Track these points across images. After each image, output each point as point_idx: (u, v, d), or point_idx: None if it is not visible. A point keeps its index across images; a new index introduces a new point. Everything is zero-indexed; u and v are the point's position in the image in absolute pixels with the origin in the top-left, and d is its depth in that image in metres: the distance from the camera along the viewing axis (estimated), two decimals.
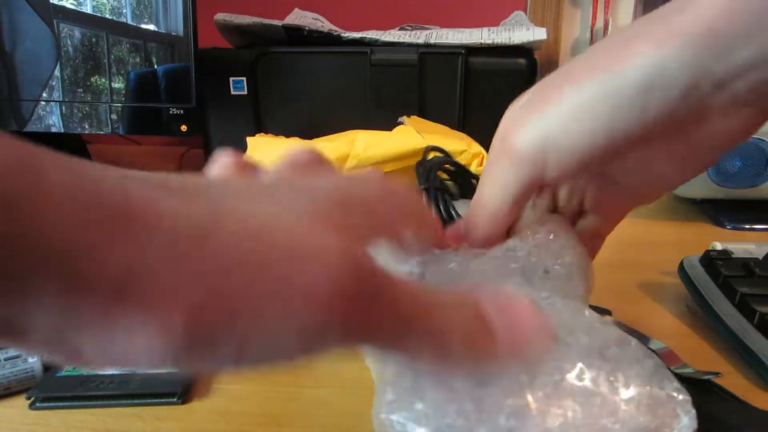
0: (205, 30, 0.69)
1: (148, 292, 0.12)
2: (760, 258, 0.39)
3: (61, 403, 0.30)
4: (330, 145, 0.58)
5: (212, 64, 0.72)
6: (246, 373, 0.16)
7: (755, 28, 0.19)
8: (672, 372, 0.28)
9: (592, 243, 0.27)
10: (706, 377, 0.28)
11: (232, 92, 0.73)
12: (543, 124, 0.22)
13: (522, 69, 0.69)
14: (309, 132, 0.65)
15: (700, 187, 0.56)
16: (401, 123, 0.64)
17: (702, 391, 0.28)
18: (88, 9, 0.66)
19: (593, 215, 0.27)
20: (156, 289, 0.12)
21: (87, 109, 0.69)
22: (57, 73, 0.68)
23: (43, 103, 0.69)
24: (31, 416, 0.29)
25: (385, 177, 0.19)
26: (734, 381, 0.32)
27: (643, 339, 0.31)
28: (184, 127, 0.67)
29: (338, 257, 0.14)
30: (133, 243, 0.12)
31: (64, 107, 0.69)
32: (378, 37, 0.71)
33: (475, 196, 0.24)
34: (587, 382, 0.17)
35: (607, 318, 0.35)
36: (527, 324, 0.18)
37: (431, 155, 0.53)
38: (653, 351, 0.30)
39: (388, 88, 0.71)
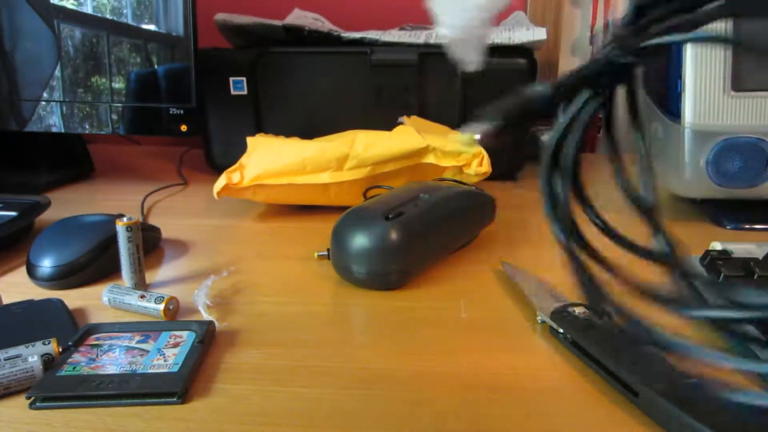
0: (205, 30, 0.69)
1: None
2: (760, 258, 0.39)
3: (61, 403, 0.30)
4: (330, 145, 0.58)
5: (212, 64, 0.72)
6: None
7: None
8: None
9: None
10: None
11: (232, 92, 0.73)
12: None
13: (522, 69, 0.69)
14: (309, 132, 0.65)
15: (700, 187, 0.56)
16: (401, 123, 0.64)
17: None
18: (88, 9, 0.66)
19: None
20: None
21: (87, 109, 0.69)
22: (57, 73, 0.68)
23: (43, 103, 0.69)
24: (31, 416, 0.29)
25: None
26: (734, 381, 0.32)
27: None
28: (184, 127, 0.67)
29: None
30: None
31: (64, 107, 0.69)
32: (378, 37, 0.72)
33: None
34: None
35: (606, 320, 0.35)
36: None
37: None
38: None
39: (388, 88, 0.71)
